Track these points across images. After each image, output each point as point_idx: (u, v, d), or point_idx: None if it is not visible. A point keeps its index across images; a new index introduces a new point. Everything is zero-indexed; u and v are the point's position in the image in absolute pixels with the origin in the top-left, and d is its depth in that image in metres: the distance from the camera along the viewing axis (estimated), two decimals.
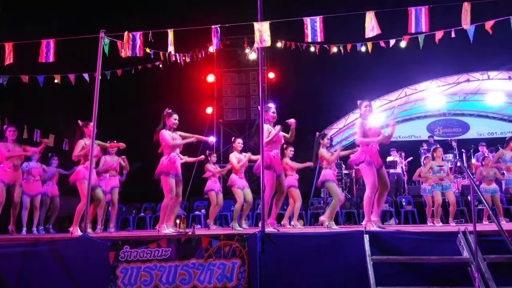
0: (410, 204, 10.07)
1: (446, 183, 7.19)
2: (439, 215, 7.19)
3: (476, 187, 3.91)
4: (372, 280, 3.80)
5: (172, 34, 5.31)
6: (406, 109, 14.95)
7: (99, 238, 4.90)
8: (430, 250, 4.07)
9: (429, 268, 3.99)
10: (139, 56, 5.38)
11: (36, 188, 7.59)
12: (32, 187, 7.51)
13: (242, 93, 13.60)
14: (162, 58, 7.45)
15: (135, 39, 5.27)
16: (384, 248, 4.19)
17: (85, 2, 11.43)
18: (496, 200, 7.59)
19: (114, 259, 4.62)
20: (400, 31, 6.95)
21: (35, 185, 7.58)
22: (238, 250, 4.49)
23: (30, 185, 7.49)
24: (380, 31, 4.91)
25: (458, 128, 15.79)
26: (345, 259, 4.25)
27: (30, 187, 7.46)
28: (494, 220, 3.63)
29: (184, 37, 7.19)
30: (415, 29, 4.98)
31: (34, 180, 7.58)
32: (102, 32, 5.46)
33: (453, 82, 12.91)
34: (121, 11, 11.84)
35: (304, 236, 4.58)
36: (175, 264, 4.52)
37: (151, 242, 4.63)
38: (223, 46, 12.98)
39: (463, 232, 4.11)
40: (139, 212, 10.44)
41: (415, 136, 15.73)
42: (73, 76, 7.62)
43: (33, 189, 7.54)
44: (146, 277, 4.52)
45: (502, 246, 3.51)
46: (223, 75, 13.67)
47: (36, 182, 7.62)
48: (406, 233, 4.39)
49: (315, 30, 5.01)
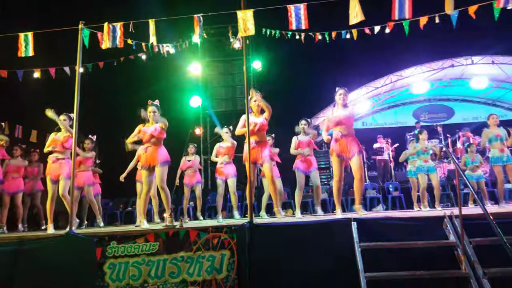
0: (397, 189, 10.18)
1: (430, 165, 7.25)
2: (425, 199, 7.26)
3: (461, 171, 3.93)
4: (360, 266, 3.83)
5: (153, 24, 5.20)
6: (392, 95, 15.03)
7: (85, 234, 4.83)
8: (417, 235, 4.11)
9: (416, 253, 4.02)
10: (120, 47, 5.26)
11: (16, 186, 7.38)
12: (12, 184, 7.31)
13: (228, 83, 13.47)
14: (144, 49, 7.31)
15: (115, 30, 5.14)
16: (372, 235, 4.21)
17: None
18: (482, 185, 7.70)
19: (101, 255, 4.56)
20: (384, 17, 6.93)
21: (15, 182, 7.37)
22: (227, 242, 4.47)
23: (10, 183, 7.30)
24: (364, 18, 4.87)
25: (444, 113, 15.95)
26: (333, 247, 4.27)
27: (10, 185, 7.27)
28: (479, 203, 3.66)
29: (167, 27, 7.08)
30: (399, 15, 4.96)
31: (13, 178, 7.36)
32: (81, 24, 5.32)
33: (438, 68, 12.99)
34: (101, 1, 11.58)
35: (292, 225, 4.58)
36: (163, 258, 4.48)
37: (138, 236, 4.57)
38: (207, 36, 12.80)
39: (449, 216, 4.15)
40: (127, 206, 10.34)
41: (401, 122, 15.86)
42: (54, 69, 7.45)
43: (13, 186, 7.33)
44: (134, 272, 4.47)
45: (488, 229, 3.54)
46: (208, 65, 13.50)
47: (17, 179, 7.42)
48: (393, 219, 4.42)
49: (299, 18, 4.95)
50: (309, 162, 6.49)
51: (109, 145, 7.57)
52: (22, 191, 7.47)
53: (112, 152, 7.56)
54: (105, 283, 4.46)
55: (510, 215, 4.23)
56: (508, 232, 3.71)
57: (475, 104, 15.82)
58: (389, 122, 15.90)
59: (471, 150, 7.88)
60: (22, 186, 7.46)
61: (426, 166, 7.22)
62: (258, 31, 8.89)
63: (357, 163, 5.14)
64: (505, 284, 3.46)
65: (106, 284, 4.45)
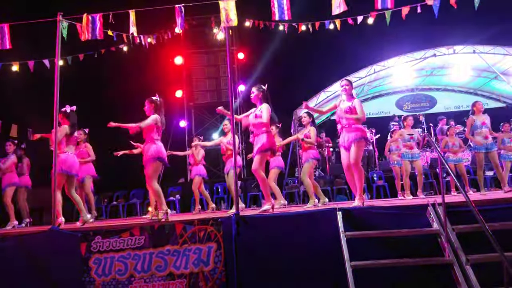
0: (381, 178, 10.29)
1: (415, 152, 7.31)
2: (409, 187, 7.35)
3: (443, 159, 3.99)
4: (346, 255, 3.86)
5: (133, 15, 5.10)
6: (376, 86, 15.12)
7: (70, 230, 4.76)
8: (401, 223, 4.16)
9: (401, 241, 4.08)
10: (100, 38, 5.15)
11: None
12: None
13: (212, 74, 13.36)
14: (125, 41, 7.18)
15: (95, 22, 5.02)
16: (357, 224, 4.25)
17: None
18: (462, 169, 7.75)
19: (86, 250, 4.52)
20: (367, 7, 6.94)
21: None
22: (213, 234, 4.46)
23: None
24: (346, 8, 4.86)
25: (426, 102, 16.15)
26: (319, 237, 4.29)
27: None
28: (461, 190, 3.72)
29: (148, 17, 6.95)
30: (381, 5, 4.97)
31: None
32: (59, 15, 5.18)
33: (420, 58, 13.08)
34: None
35: (278, 216, 4.60)
36: (149, 252, 4.45)
37: (123, 231, 4.53)
38: (190, 27, 12.66)
39: (432, 204, 4.21)
40: (111, 201, 10.23)
41: (384, 112, 16.01)
42: (32, 62, 7.27)
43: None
44: (120, 266, 4.44)
45: (470, 216, 3.61)
46: (192, 57, 13.36)
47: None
48: (377, 208, 4.47)
49: (282, 8, 4.91)
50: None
51: (93, 139, 7.43)
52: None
53: (94, 146, 7.41)
54: (91, 278, 4.42)
55: (492, 202, 4.32)
56: (491, 218, 3.79)
57: (457, 94, 16.05)
58: (373, 112, 16.02)
59: (450, 133, 7.93)
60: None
61: (410, 153, 7.29)
62: (242, 22, 8.84)
63: (352, 152, 4.99)
64: (488, 270, 3.53)
65: (92, 279, 4.42)
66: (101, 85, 11.75)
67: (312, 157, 6.45)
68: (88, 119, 7.52)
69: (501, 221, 3.89)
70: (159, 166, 5.26)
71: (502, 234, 3.61)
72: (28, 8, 10.38)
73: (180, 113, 13.21)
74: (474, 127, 7.01)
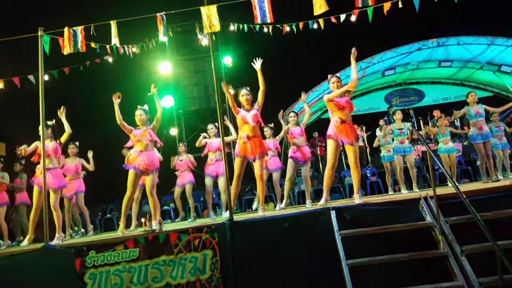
0: (374, 175, 10.33)
1: (407, 146, 7.32)
2: (403, 180, 7.38)
3: (431, 152, 4.00)
4: (342, 254, 3.86)
5: (115, 26, 5.07)
6: (363, 82, 15.20)
7: (63, 246, 4.71)
8: (395, 219, 4.16)
9: (395, 236, 4.08)
10: (82, 51, 5.11)
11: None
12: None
13: (199, 81, 13.33)
14: (109, 52, 7.13)
15: (76, 35, 4.99)
16: (351, 222, 4.25)
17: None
18: (452, 160, 7.77)
19: (81, 265, 4.46)
20: (349, 6, 6.96)
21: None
22: (208, 242, 4.43)
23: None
24: (327, 8, 4.88)
25: (414, 96, 16.28)
26: (315, 237, 4.29)
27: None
28: (451, 182, 3.74)
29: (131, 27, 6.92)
30: (362, 2, 4.99)
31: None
32: (40, 30, 5.14)
33: (406, 52, 13.20)
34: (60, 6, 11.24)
35: (272, 219, 4.58)
36: (145, 264, 4.41)
37: (117, 244, 4.48)
38: (175, 34, 12.62)
39: (424, 197, 4.22)
40: (105, 214, 10.14)
41: (374, 108, 16.11)
42: (18, 79, 7.20)
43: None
44: (116, 280, 4.39)
45: (462, 207, 3.62)
46: (178, 64, 13.31)
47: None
48: (370, 204, 4.48)
49: (264, 11, 4.92)
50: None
51: (84, 151, 7.36)
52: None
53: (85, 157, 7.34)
54: None
55: (483, 192, 4.34)
56: (483, 208, 3.82)
57: (444, 86, 16.20)
58: (362, 109, 16.11)
59: (440, 123, 7.99)
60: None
61: (402, 147, 7.30)
62: (225, 26, 8.84)
63: (353, 151, 5.08)
64: (482, 259, 3.55)
65: None
66: (89, 96, 11.68)
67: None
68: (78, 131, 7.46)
69: (494, 210, 3.92)
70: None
71: (495, 223, 3.64)
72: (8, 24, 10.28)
73: (170, 121, 13.15)
74: (469, 117, 6.98)
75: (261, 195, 5.38)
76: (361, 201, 4.88)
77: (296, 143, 6.51)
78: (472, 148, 11.09)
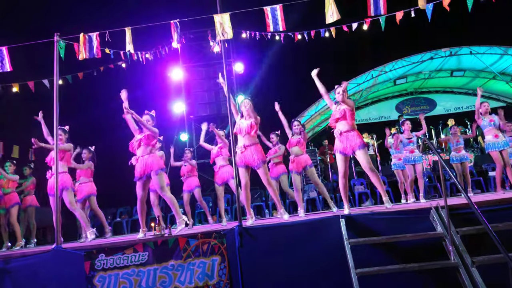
0: (384, 184, 10.25)
1: (417, 156, 7.27)
2: (412, 190, 7.32)
3: (443, 162, 3.97)
4: (351, 263, 3.83)
5: (129, 32, 5.15)
6: (374, 91, 15.16)
7: (73, 249, 4.76)
8: (405, 228, 4.13)
9: (405, 245, 4.06)
10: (98, 57, 5.20)
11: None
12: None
13: (211, 87, 13.41)
14: (123, 58, 7.24)
15: (92, 41, 5.08)
16: (361, 231, 4.23)
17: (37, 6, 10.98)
18: (465, 169, 7.70)
19: (90, 268, 4.50)
20: (361, 14, 6.97)
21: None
22: (217, 247, 4.45)
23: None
24: (339, 16, 4.90)
25: (426, 105, 16.16)
26: (323, 245, 4.28)
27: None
28: (463, 192, 3.70)
29: (145, 34, 7.03)
30: (374, 11, 5.00)
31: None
32: (56, 35, 5.25)
33: (418, 61, 13.14)
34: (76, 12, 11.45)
35: (281, 226, 4.58)
36: (153, 268, 4.44)
37: (126, 247, 4.52)
38: (187, 41, 12.75)
39: (435, 207, 4.19)
40: (115, 217, 10.21)
41: (384, 117, 16.01)
42: (32, 83, 7.34)
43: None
44: (125, 283, 4.42)
45: (473, 218, 3.59)
46: (190, 70, 13.43)
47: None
48: (380, 213, 4.44)
49: (276, 19, 4.97)
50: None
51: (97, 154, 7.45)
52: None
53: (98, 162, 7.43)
54: None
55: (495, 202, 4.29)
56: (494, 219, 3.77)
57: (456, 95, 16.06)
58: (373, 118, 16.04)
59: (454, 132, 7.86)
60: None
61: (412, 156, 7.25)
62: (237, 34, 8.91)
63: (361, 158, 5.00)
64: (493, 271, 3.50)
65: None
66: (102, 101, 11.82)
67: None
68: (88, 136, 7.57)
69: (505, 222, 3.87)
70: None
71: (507, 234, 3.59)
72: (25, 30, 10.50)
73: (181, 126, 13.24)
74: (483, 126, 6.90)
75: (275, 200, 5.42)
76: (391, 206, 4.92)
77: (292, 152, 6.45)
78: (484, 159, 11.01)
